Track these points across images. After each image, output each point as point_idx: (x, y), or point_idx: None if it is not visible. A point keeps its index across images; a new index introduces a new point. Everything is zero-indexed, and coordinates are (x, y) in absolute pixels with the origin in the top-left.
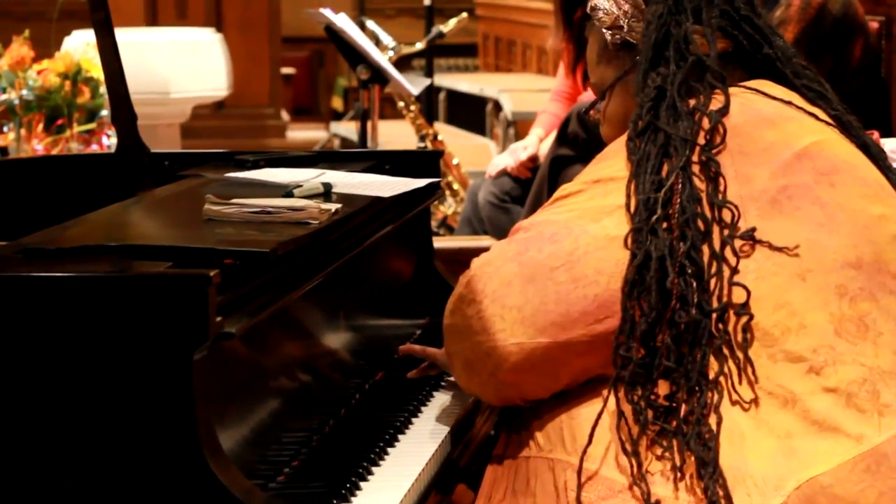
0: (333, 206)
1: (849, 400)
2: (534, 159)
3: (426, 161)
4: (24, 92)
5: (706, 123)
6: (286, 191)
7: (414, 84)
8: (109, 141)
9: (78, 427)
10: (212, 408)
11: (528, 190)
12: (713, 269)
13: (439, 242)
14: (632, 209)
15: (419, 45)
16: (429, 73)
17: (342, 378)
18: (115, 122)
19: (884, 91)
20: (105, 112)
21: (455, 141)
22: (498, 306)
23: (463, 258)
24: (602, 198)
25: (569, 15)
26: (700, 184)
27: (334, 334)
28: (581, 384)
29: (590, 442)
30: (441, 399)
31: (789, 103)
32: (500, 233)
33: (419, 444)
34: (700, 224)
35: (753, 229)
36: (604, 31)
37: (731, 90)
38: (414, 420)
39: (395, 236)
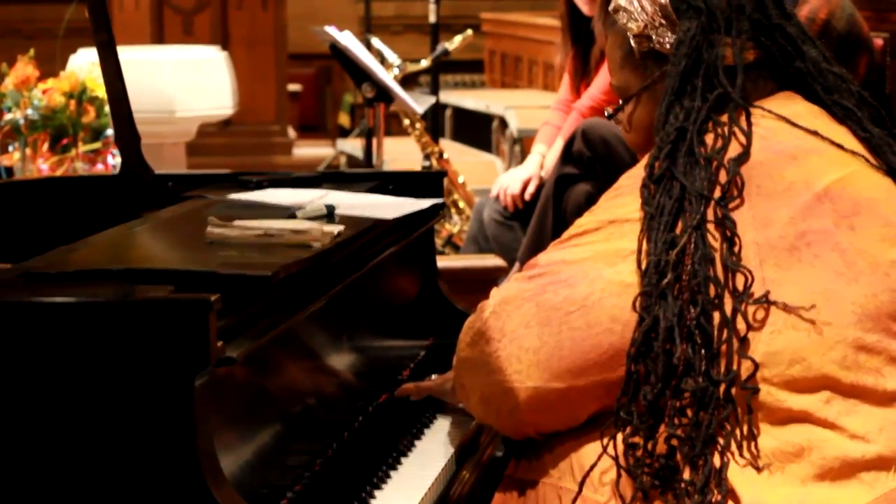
0: (336, 229)
1: (865, 448)
2: (536, 187)
3: (430, 182)
4: (30, 111)
5: (723, 175)
6: (289, 213)
7: (419, 102)
8: (115, 160)
9: (79, 452)
10: (213, 432)
11: (533, 208)
12: (724, 336)
13: (444, 262)
14: (643, 266)
15: (424, 63)
16: (435, 89)
17: (345, 401)
18: (118, 144)
19: (888, 108)
20: (110, 131)
21: (461, 158)
22: (515, 347)
23: (467, 278)
24: (618, 240)
25: (576, 32)
26: (714, 242)
27: (337, 357)
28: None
29: (580, 490)
30: (444, 421)
31: (815, 133)
32: (506, 251)
33: (423, 468)
34: (712, 289)
35: (767, 293)
36: (630, 36)
37: (755, 115)
38: (417, 443)
39: (398, 257)
